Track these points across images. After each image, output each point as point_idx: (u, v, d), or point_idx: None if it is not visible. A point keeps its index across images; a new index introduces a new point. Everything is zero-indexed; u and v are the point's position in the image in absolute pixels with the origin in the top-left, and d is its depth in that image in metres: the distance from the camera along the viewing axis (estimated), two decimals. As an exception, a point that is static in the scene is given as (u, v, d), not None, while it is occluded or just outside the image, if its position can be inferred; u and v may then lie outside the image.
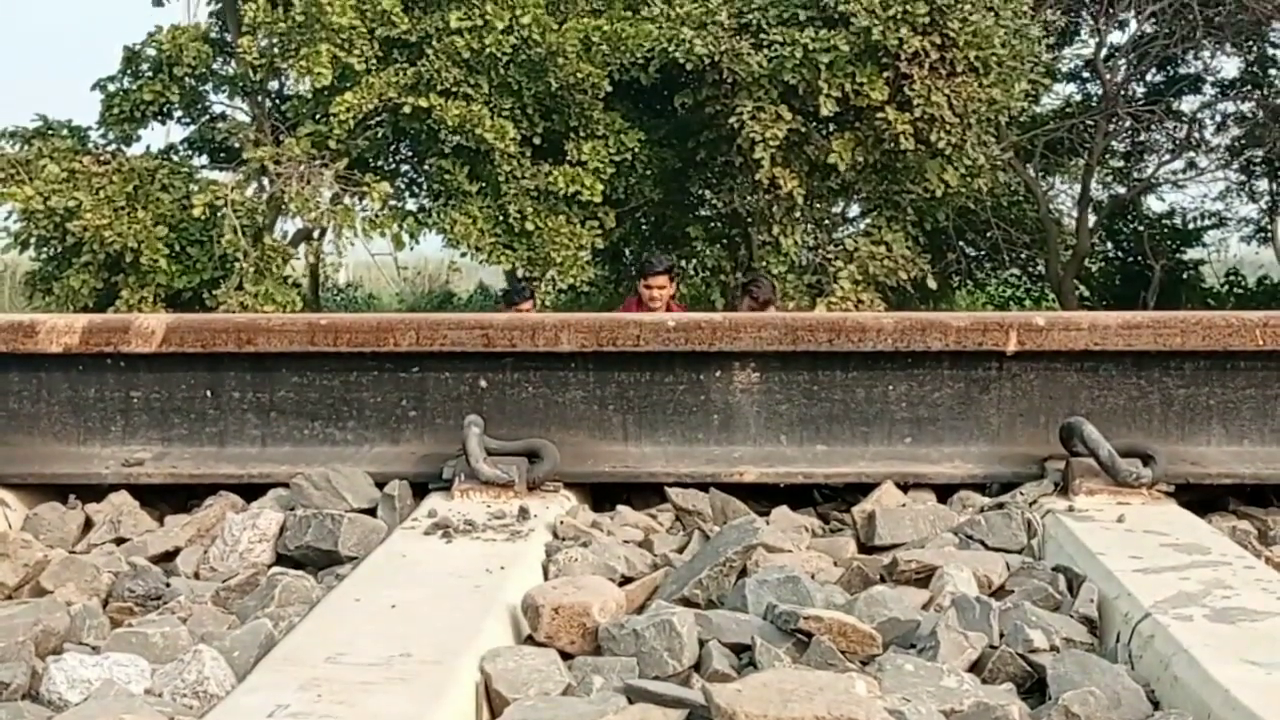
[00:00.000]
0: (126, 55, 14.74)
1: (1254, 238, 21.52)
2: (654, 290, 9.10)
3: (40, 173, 13.18)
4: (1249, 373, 3.24)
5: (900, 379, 3.27)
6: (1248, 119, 19.46)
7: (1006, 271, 20.55)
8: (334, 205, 13.38)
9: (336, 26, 12.71)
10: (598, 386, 3.28)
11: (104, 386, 3.33)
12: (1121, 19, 17.85)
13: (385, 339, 3.27)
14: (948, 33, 12.91)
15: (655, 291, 9.17)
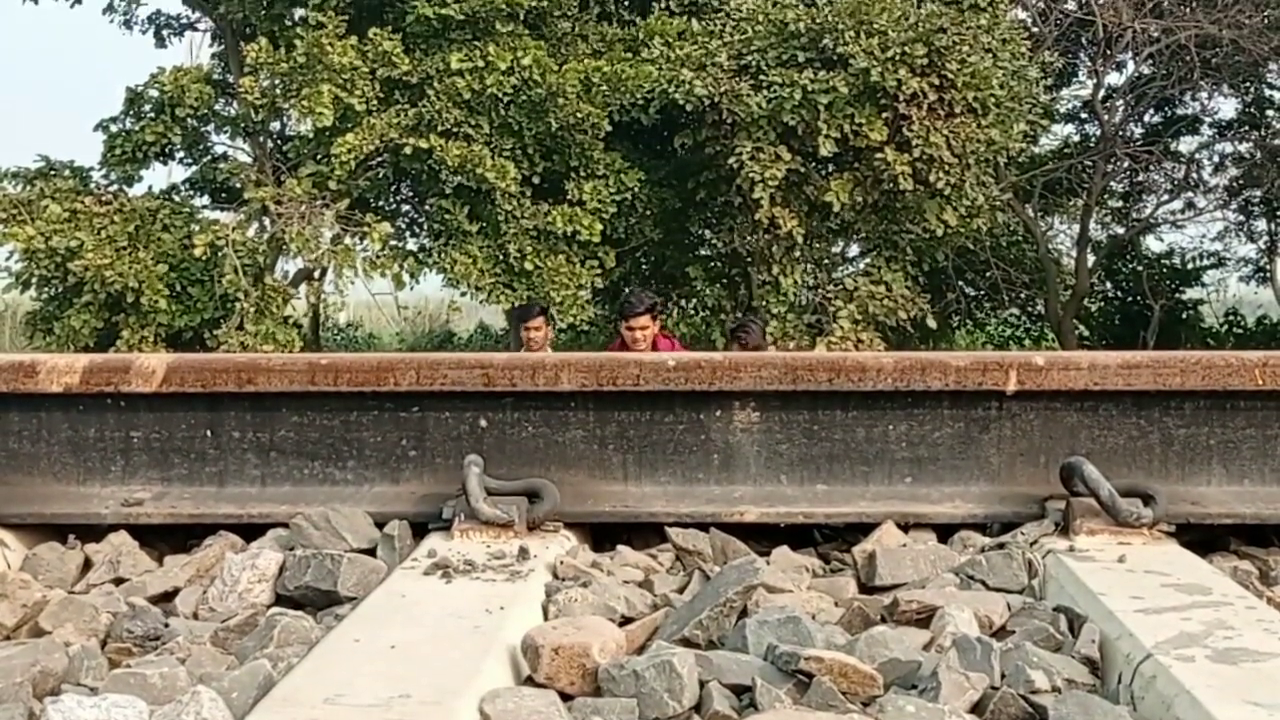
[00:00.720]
0: (129, 96, 14.81)
1: (1253, 278, 21.57)
2: (636, 332, 8.77)
3: (42, 213, 13.22)
4: (1249, 412, 3.24)
5: (900, 418, 3.27)
6: (1245, 159, 19.55)
7: (1006, 311, 20.59)
8: (335, 245, 13.41)
9: (338, 67, 12.78)
10: (598, 426, 3.28)
11: (104, 426, 3.33)
12: (1119, 60, 17.97)
13: (385, 378, 3.27)
14: (946, 74, 12.97)
15: (638, 333, 8.83)
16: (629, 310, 8.92)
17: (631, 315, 8.81)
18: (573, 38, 14.43)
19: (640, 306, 8.88)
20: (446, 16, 13.04)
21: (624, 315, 8.96)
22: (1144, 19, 16.55)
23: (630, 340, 8.71)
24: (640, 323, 8.73)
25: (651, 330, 8.83)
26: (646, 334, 8.71)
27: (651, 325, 8.89)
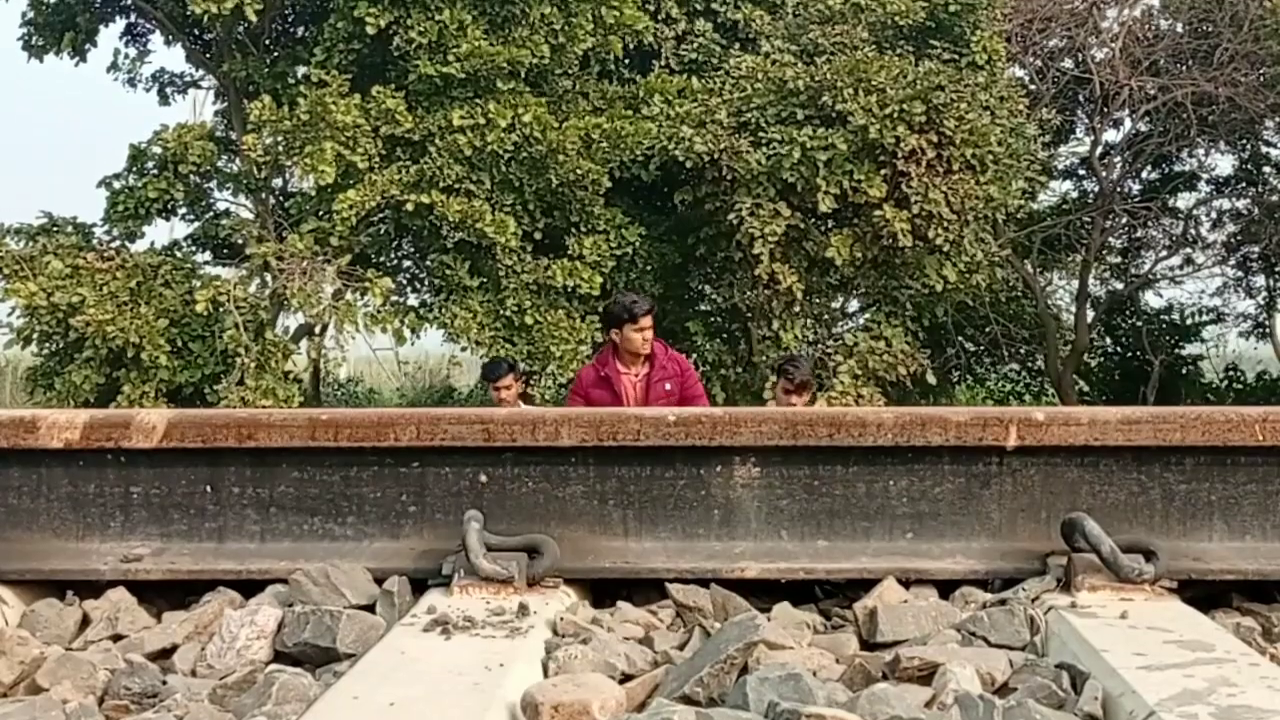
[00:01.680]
0: (132, 153, 14.89)
1: (1252, 333, 21.58)
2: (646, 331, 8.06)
3: (44, 269, 13.26)
4: (1249, 468, 3.23)
5: (901, 474, 3.26)
6: (1243, 215, 19.63)
7: (1006, 366, 20.60)
8: (336, 301, 13.45)
9: (340, 125, 12.86)
10: (598, 481, 3.27)
11: (104, 482, 3.32)
12: (1116, 118, 18.07)
13: (385, 434, 3.26)
14: (944, 131, 13.06)
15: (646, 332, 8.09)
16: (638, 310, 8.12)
17: (643, 315, 8.08)
18: (573, 95, 14.54)
19: (643, 308, 8.14)
20: (448, 75, 13.14)
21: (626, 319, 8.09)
22: (1140, 77, 16.68)
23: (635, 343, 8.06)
24: (647, 322, 8.10)
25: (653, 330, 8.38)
26: (650, 333, 8.14)
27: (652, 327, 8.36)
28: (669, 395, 8.07)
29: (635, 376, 8.15)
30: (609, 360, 8.25)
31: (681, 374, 8.26)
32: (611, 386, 8.08)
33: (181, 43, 15.76)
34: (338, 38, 13.70)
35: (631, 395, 8.09)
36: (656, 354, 8.21)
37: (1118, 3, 17.65)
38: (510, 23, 13.66)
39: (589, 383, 8.26)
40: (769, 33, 14.86)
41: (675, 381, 8.14)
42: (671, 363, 8.26)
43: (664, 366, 8.17)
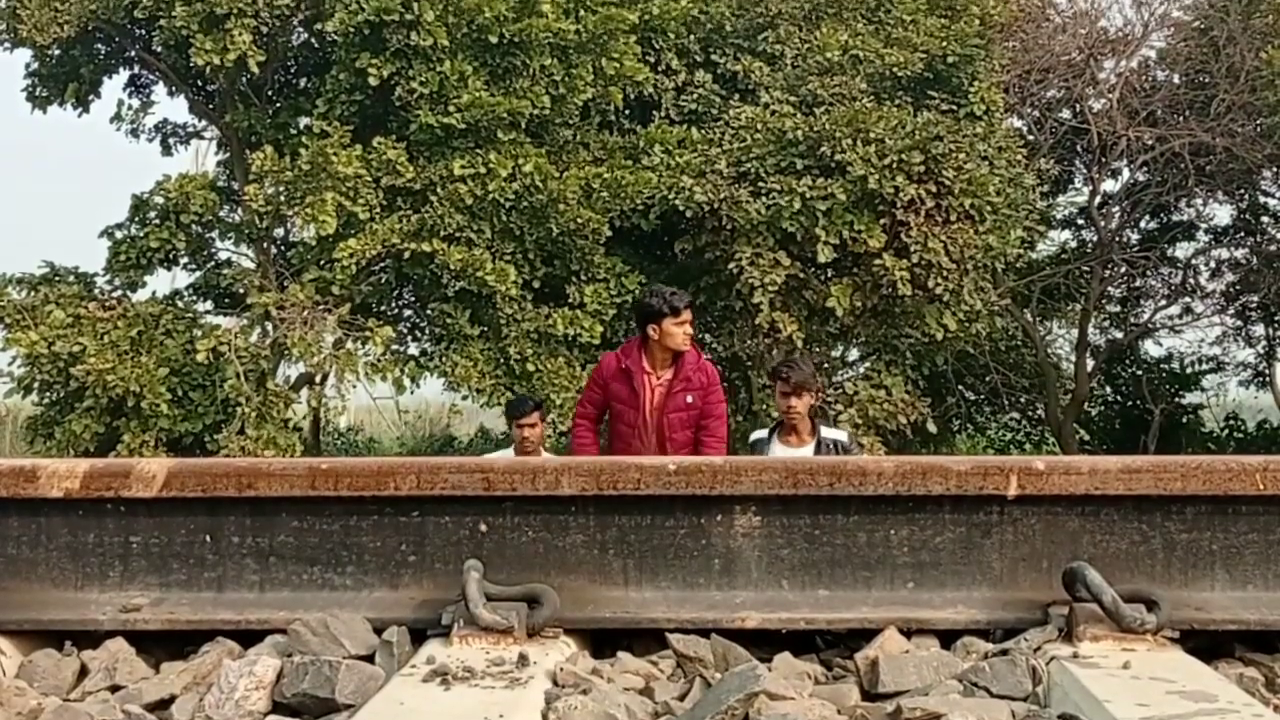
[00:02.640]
0: (134, 203, 14.95)
1: (1252, 382, 21.59)
2: (687, 326, 7.74)
3: (46, 318, 13.28)
4: (1250, 517, 3.23)
5: (902, 523, 3.26)
6: (1242, 265, 19.69)
7: (1006, 415, 20.60)
8: (336, 350, 13.47)
9: (342, 175, 12.92)
10: (598, 530, 3.27)
11: (103, 532, 3.32)
12: (1114, 168, 18.17)
13: (385, 483, 3.26)
14: (943, 181, 13.12)
15: (688, 326, 7.78)
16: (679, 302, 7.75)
17: (684, 308, 7.73)
18: (574, 145, 14.61)
19: (684, 301, 7.81)
20: (449, 125, 13.21)
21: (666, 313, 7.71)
22: (1138, 127, 16.77)
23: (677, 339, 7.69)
24: (688, 316, 7.74)
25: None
26: (689, 329, 7.78)
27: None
28: (688, 409, 7.70)
29: (658, 380, 7.75)
30: (634, 354, 7.80)
31: (706, 387, 7.77)
32: (631, 382, 7.73)
33: (185, 94, 15.85)
34: (340, 89, 13.79)
35: (649, 400, 7.71)
36: (687, 360, 7.75)
37: (1114, 54, 17.78)
38: (511, 74, 13.75)
39: (609, 373, 7.88)
40: (768, 84, 14.95)
41: (699, 394, 7.72)
42: (699, 374, 7.78)
43: (688, 378, 7.72)
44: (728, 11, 15.84)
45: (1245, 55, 16.23)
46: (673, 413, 7.67)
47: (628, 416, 7.76)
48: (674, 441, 7.66)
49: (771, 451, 7.76)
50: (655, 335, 7.73)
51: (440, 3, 13.24)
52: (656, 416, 7.70)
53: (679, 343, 7.71)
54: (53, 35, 14.18)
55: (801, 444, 7.81)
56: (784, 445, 7.85)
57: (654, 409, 7.69)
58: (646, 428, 7.71)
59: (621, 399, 7.77)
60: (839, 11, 15.87)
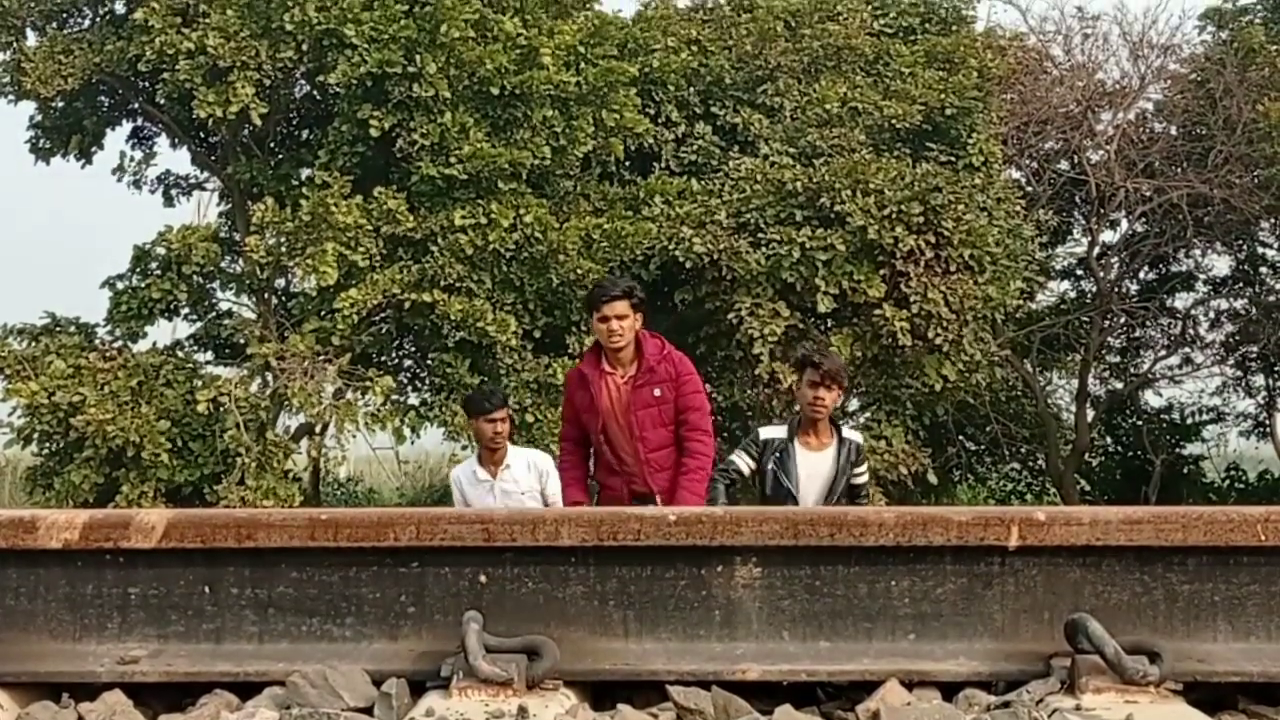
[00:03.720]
0: (136, 254, 14.98)
1: (1253, 432, 21.56)
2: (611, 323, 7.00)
3: (46, 369, 13.29)
4: (1252, 568, 3.22)
5: (903, 574, 3.25)
6: (1241, 315, 19.70)
7: (1007, 466, 20.56)
8: (337, 400, 13.46)
9: (342, 226, 12.96)
10: (598, 582, 3.26)
11: (102, 583, 3.31)
12: (1113, 219, 18.23)
13: (385, 534, 3.25)
14: (942, 231, 13.17)
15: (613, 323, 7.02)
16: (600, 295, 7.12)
17: (606, 301, 7.02)
18: (574, 196, 14.67)
19: (615, 290, 7.11)
20: (450, 176, 13.27)
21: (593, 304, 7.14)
22: (1136, 179, 16.85)
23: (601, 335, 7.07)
24: (617, 309, 6.98)
25: (632, 320, 7.02)
26: (625, 324, 6.97)
27: (631, 316, 7.05)
28: (658, 404, 7.01)
29: (621, 378, 7.05)
30: (592, 359, 7.25)
31: (677, 378, 7.07)
32: (588, 387, 7.09)
33: (187, 145, 15.93)
34: (341, 140, 13.85)
35: (613, 399, 7.03)
36: (648, 352, 7.04)
37: (1112, 106, 17.88)
38: (512, 125, 13.82)
39: (573, 384, 7.36)
40: (767, 136, 15.04)
41: (668, 387, 7.02)
42: (665, 364, 7.08)
43: (652, 369, 7.03)
44: (727, 65, 15.95)
45: (1242, 108, 16.33)
46: (640, 409, 6.97)
47: (593, 426, 7.11)
48: (646, 442, 6.99)
49: (792, 454, 7.11)
50: (593, 330, 7.23)
51: (442, 55, 13.33)
52: (627, 419, 7.02)
53: (605, 340, 7.01)
54: (56, 88, 14.27)
55: (822, 446, 7.18)
56: (804, 447, 7.16)
57: (621, 409, 7.02)
58: (615, 435, 7.05)
59: (585, 408, 7.15)
60: (838, 64, 15.99)
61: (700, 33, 16.47)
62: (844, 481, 7.14)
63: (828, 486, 7.12)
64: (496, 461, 8.23)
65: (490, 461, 8.25)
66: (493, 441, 8.21)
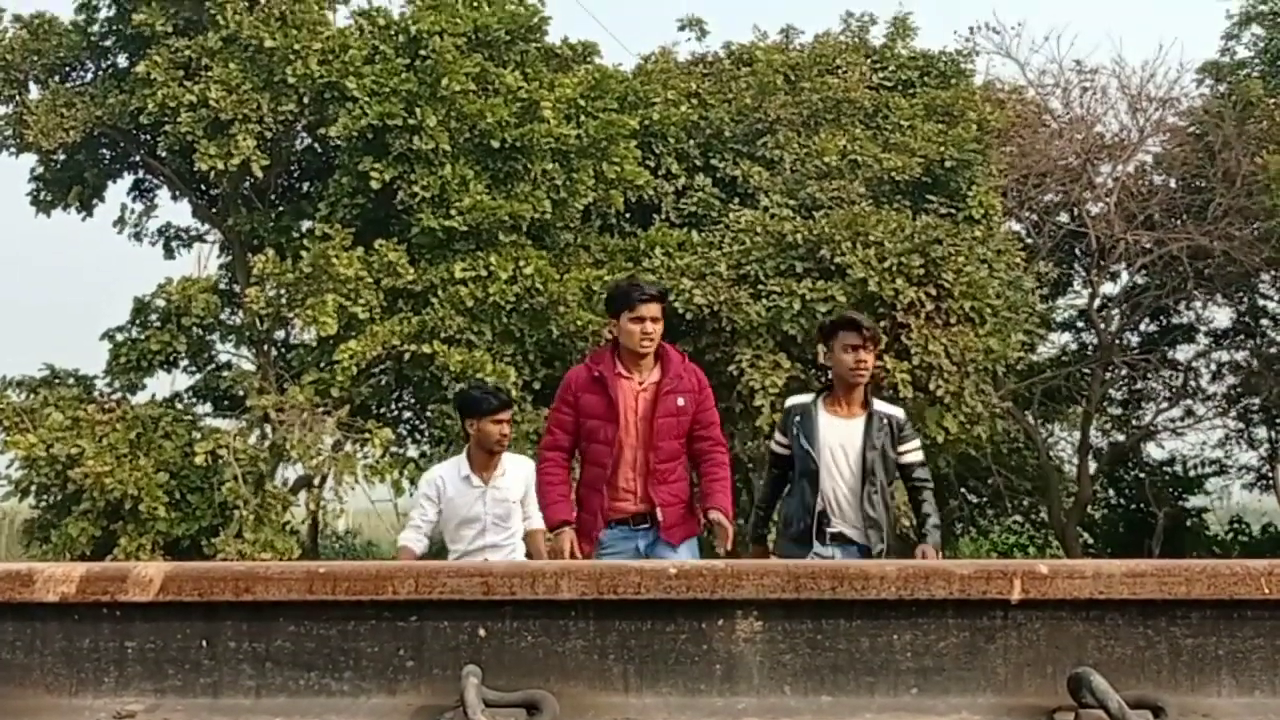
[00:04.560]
0: (136, 306, 15.02)
1: (1255, 485, 21.52)
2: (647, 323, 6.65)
3: (44, 421, 13.28)
4: (1256, 622, 3.20)
5: (905, 628, 3.23)
6: (1242, 368, 19.71)
7: (1009, 518, 20.51)
8: (335, 452, 13.45)
9: (343, 277, 13.00)
10: (598, 635, 3.24)
11: (99, 636, 3.29)
12: (1113, 271, 18.27)
13: (384, 587, 3.24)
14: (943, 284, 13.20)
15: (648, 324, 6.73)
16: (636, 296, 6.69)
17: (644, 301, 6.66)
18: (575, 248, 14.72)
19: (652, 289, 6.86)
20: (451, 228, 13.33)
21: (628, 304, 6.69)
22: (1136, 231, 16.90)
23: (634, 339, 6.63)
24: (654, 311, 6.67)
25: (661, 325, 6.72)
26: (658, 327, 6.67)
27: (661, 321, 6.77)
28: (679, 414, 6.68)
29: (639, 384, 6.68)
30: (606, 359, 6.78)
31: (699, 389, 6.80)
32: (606, 391, 6.63)
33: (188, 198, 16.00)
34: (342, 192, 13.92)
35: (632, 405, 6.64)
36: (671, 359, 6.78)
37: (1111, 159, 17.96)
38: (512, 178, 13.89)
39: (579, 385, 6.76)
40: (767, 188, 15.11)
41: (691, 398, 6.73)
42: (689, 374, 6.81)
43: (679, 376, 6.73)
44: (727, 117, 16.05)
45: (1240, 160, 16.41)
46: (662, 418, 6.63)
47: (604, 434, 6.63)
48: (658, 452, 6.64)
49: (817, 420, 6.79)
50: (616, 333, 6.82)
51: (443, 108, 13.42)
52: (644, 427, 6.63)
53: (635, 343, 6.62)
54: (58, 141, 14.37)
55: (851, 414, 6.84)
56: (830, 413, 6.85)
57: (641, 416, 6.63)
58: (631, 443, 6.65)
59: (597, 413, 6.65)
60: (837, 117, 16.09)
61: (700, 86, 16.60)
62: (881, 458, 6.74)
63: (860, 460, 6.71)
64: (492, 467, 7.78)
65: (485, 466, 7.77)
66: (499, 444, 7.80)
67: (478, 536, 7.79)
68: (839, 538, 6.73)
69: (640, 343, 6.62)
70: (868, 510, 6.71)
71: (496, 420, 7.77)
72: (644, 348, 6.64)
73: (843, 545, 6.71)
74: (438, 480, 7.96)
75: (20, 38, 14.88)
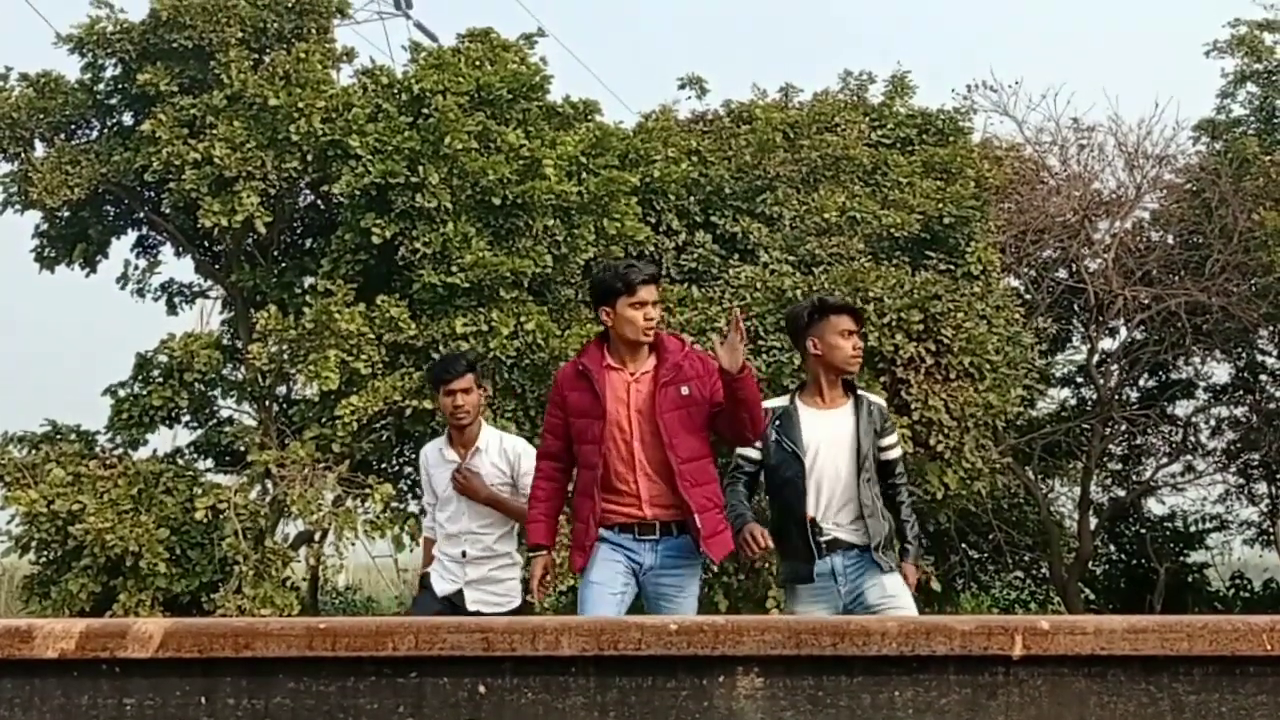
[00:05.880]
0: (138, 362, 15.03)
1: (1257, 540, 21.45)
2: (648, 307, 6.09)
3: (46, 476, 13.27)
4: (1259, 678, 3.20)
5: (906, 684, 3.22)
6: (1242, 423, 19.69)
7: (1010, 574, 20.42)
8: (336, 507, 13.42)
9: (345, 333, 13.02)
10: (598, 692, 3.23)
11: (97, 693, 3.28)
12: (1111, 326, 18.29)
13: (384, 643, 3.23)
14: (942, 339, 13.22)
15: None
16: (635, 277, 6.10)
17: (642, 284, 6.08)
18: (575, 304, 14.74)
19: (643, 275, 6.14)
20: (452, 284, 13.35)
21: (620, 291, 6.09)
22: (1134, 287, 16.94)
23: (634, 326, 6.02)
24: (654, 294, 6.13)
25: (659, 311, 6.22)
26: (658, 313, 6.19)
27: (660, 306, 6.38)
28: (687, 404, 6.01)
29: (631, 375, 6.04)
30: (594, 352, 6.20)
31: (706, 374, 6.08)
32: (592, 385, 6.02)
33: (191, 254, 16.04)
34: (344, 249, 13.96)
35: (623, 398, 6.01)
36: (669, 347, 6.16)
37: (1108, 215, 18.03)
38: (514, 234, 13.93)
39: (566, 383, 6.21)
40: (767, 244, 15.16)
41: (698, 384, 6.04)
42: (692, 361, 6.14)
43: (678, 365, 6.06)
44: (727, 174, 16.13)
45: (1238, 216, 16.47)
46: (668, 412, 5.96)
47: (591, 432, 6.02)
48: (676, 451, 5.95)
49: (795, 416, 6.38)
50: (609, 321, 6.12)
51: (445, 166, 13.49)
52: (639, 421, 5.99)
53: (636, 331, 6.02)
54: (63, 198, 14.44)
55: (834, 403, 6.39)
56: (810, 407, 6.42)
57: (634, 412, 6.00)
58: (625, 439, 6.01)
59: (582, 410, 6.07)
60: (836, 174, 16.17)
61: (700, 143, 16.69)
62: (871, 448, 6.30)
63: (854, 451, 6.27)
64: (466, 442, 7.34)
65: (459, 441, 7.36)
66: (455, 416, 7.30)
67: (454, 520, 7.41)
68: (835, 544, 6.30)
69: (644, 331, 6.03)
70: (864, 500, 6.26)
71: (448, 390, 7.28)
72: (647, 336, 6.05)
73: (841, 551, 6.29)
74: (424, 456, 7.63)
75: (26, 96, 14.98)
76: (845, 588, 6.28)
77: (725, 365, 5.79)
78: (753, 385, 5.97)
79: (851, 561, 6.29)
